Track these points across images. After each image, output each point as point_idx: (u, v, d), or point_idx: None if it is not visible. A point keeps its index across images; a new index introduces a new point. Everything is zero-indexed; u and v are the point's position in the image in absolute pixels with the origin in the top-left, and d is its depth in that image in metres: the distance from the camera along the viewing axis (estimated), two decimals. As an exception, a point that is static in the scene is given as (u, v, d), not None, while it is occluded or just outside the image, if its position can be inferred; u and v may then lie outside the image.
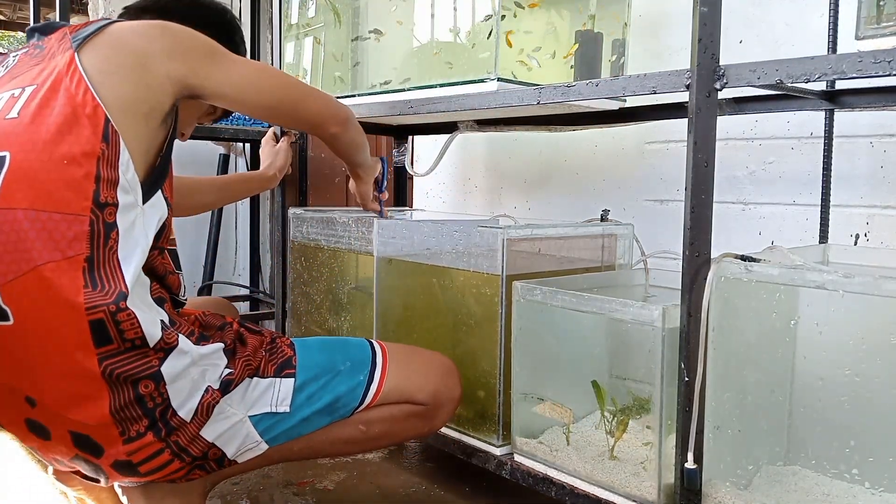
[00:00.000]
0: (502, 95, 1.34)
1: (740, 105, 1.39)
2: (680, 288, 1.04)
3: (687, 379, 1.03)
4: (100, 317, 0.89)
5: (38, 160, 0.90)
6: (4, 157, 0.91)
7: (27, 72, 0.99)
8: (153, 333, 0.94)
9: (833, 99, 1.36)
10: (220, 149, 3.15)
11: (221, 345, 1.04)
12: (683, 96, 1.05)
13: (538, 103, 1.28)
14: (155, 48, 1.01)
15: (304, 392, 1.10)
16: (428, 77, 1.52)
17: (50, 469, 1.15)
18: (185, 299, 1.12)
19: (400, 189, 2.27)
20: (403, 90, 1.56)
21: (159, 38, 1.02)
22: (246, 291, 3.14)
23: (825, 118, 1.42)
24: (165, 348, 0.96)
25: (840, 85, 1.35)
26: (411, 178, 2.38)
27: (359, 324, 1.68)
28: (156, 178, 1.01)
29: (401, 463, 1.70)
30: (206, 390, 1.01)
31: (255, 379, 1.07)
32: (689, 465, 1.03)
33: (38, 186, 0.90)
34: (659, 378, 1.10)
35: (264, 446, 1.09)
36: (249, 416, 1.06)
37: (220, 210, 3.10)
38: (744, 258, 1.04)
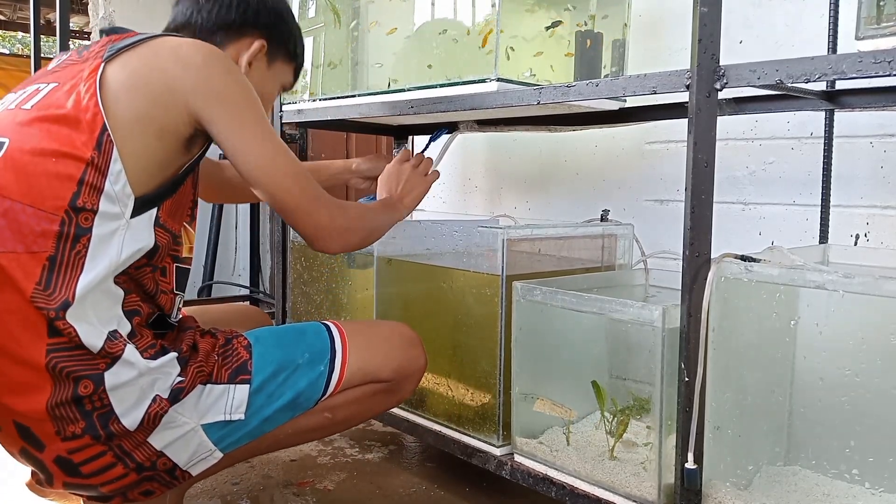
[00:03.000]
0: (502, 95, 1.34)
1: (740, 105, 1.39)
2: (680, 288, 1.04)
3: (687, 379, 1.03)
4: (44, 315, 0.90)
5: (30, 153, 0.92)
6: (4, 143, 0.94)
7: (62, 70, 1.02)
8: (94, 344, 0.93)
9: (833, 99, 1.36)
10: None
11: (175, 354, 1.02)
12: (683, 96, 1.05)
13: (538, 103, 1.28)
14: (187, 78, 0.99)
15: (263, 392, 1.08)
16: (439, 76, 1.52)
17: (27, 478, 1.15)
18: (177, 320, 1.10)
19: (400, 189, 2.27)
20: (403, 90, 1.56)
21: (195, 69, 1.00)
22: (246, 291, 3.14)
23: (825, 118, 1.42)
24: (111, 356, 0.95)
25: (840, 85, 1.35)
26: (411, 178, 2.37)
27: (359, 324, 1.68)
28: (156, 196, 1.00)
29: (401, 463, 1.70)
30: (154, 400, 0.98)
31: (209, 386, 1.04)
32: (690, 465, 1.03)
33: (23, 178, 0.91)
34: (659, 378, 1.10)
35: (218, 455, 1.06)
36: (202, 425, 1.03)
37: (221, 210, 3.10)
38: (744, 258, 1.04)
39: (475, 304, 1.37)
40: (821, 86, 1.35)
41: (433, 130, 2.11)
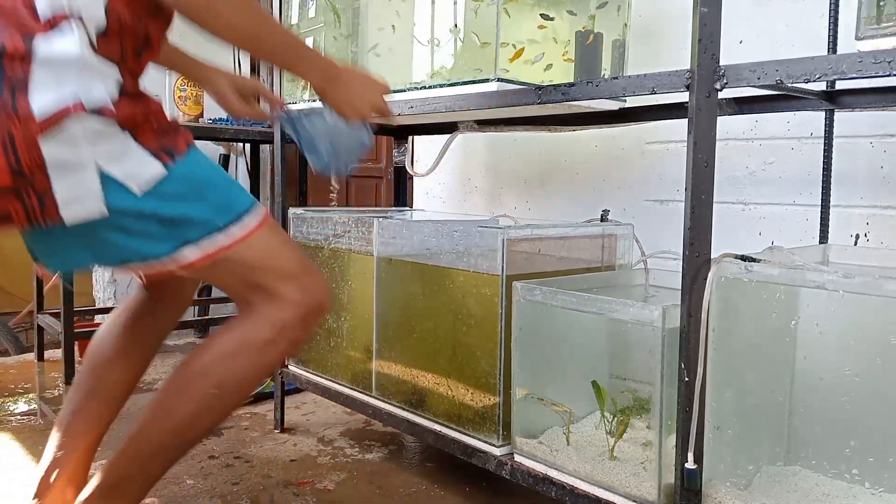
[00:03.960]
0: (502, 95, 1.34)
1: (740, 105, 1.39)
2: (680, 288, 1.04)
3: (687, 379, 1.03)
4: None
5: None
6: None
7: None
8: (44, 12, 0.90)
9: (833, 99, 1.36)
10: (220, 149, 3.16)
11: (119, 75, 0.95)
12: (683, 96, 1.05)
13: (538, 103, 1.28)
14: None
15: (171, 187, 0.98)
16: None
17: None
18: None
19: (400, 189, 2.27)
20: (403, 90, 1.56)
21: None
22: (246, 291, 3.14)
23: (825, 118, 1.42)
24: (54, 25, 0.89)
25: (840, 85, 1.35)
26: (411, 178, 2.38)
27: (359, 323, 1.68)
28: None
29: (401, 463, 1.70)
30: (73, 98, 0.89)
31: (129, 138, 0.95)
32: (690, 465, 1.03)
33: None
34: (659, 378, 1.10)
35: (96, 208, 0.94)
36: (100, 167, 0.93)
37: (220, 210, 3.09)
38: (744, 258, 1.04)
39: (475, 304, 1.37)
40: (821, 86, 1.35)
41: (433, 130, 2.12)
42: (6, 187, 0.90)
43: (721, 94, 1.03)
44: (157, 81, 2.84)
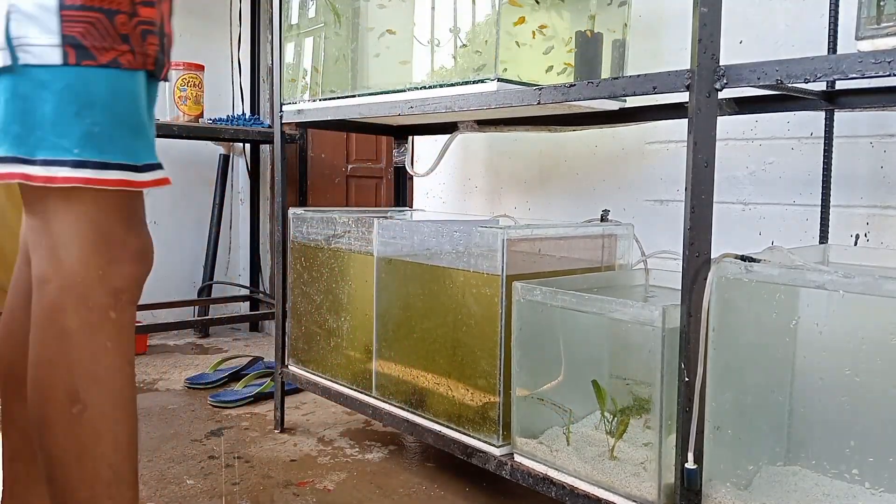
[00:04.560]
0: (502, 95, 1.34)
1: (740, 105, 1.39)
2: (680, 288, 1.04)
3: (687, 379, 1.03)
4: None
5: None
6: None
7: None
8: None
9: (833, 99, 1.36)
10: (220, 149, 3.16)
11: None
12: (683, 96, 1.05)
13: (538, 103, 1.28)
14: None
15: (47, 77, 0.87)
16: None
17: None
18: None
19: (400, 189, 2.27)
20: (404, 90, 1.56)
21: None
22: (246, 291, 3.14)
23: (825, 118, 1.42)
24: None
25: (840, 85, 1.35)
26: (411, 178, 2.38)
27: (359, 323, 1.68)
28: None
29: (401, 463, 1.70)
30: None
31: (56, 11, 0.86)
32: (690, 465, 1.03)
33: None
34: (659, 378, 1.10)
35: None
36: (9, 13, 0.86)
37: (220, 210, 3.10)
38: (744, 258, 1.04)
39: (475, 304, 1.38)
40: (821, 86, 1.35)
41: (433, 130, 2.12)
42: None
43: (721, 94, 1.03)
44: (157, 81, 2.84)
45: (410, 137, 2.21)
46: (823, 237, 1.42)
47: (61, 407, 0.89)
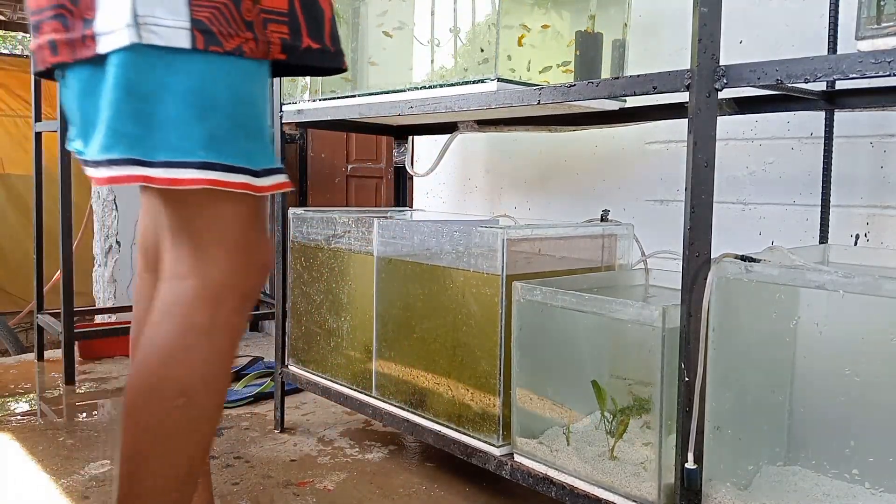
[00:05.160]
0: (502, 95, 1.34)
1: (740, 105, 1.39)
2: (680, 288, 1.04)
3: (687, 379, 1.03)
4: None
5: None
6: None
7: None
8: None
9: (833, 99, 1.36)
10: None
11: None
12: (683, 96, 1.05)
13: (538, 103, 1.28)
14: None
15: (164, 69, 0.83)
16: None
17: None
18: None
19: (400, 189, 2.27)
20: (404, 90, 1.56)
21: None
22: (246, 291, 3.14)
23: (825, 118, 1.42)
24: None
25: (840, 85, 1.35)
26: (411, 178, 2.38)
27: (359, 323, 1.68)
28: None
29: (401, 463, 1.70)
30: None
31: None
32: (690, 465, 1.03)
33: None
34: (659, 378, 1.10)
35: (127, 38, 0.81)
36: None
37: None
38: (744, 258, 1.04)
39: (475, 304, 1.37)
40: (821, 86, 1.35)
41: (433, 130, 2.12)
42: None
43: (721, 94, 1.03)
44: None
45: (410, 137, 2.21)
46: (823, 237, 1.42)
47: (166, 396, 0.88)
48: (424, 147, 2.40)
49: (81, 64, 0.85)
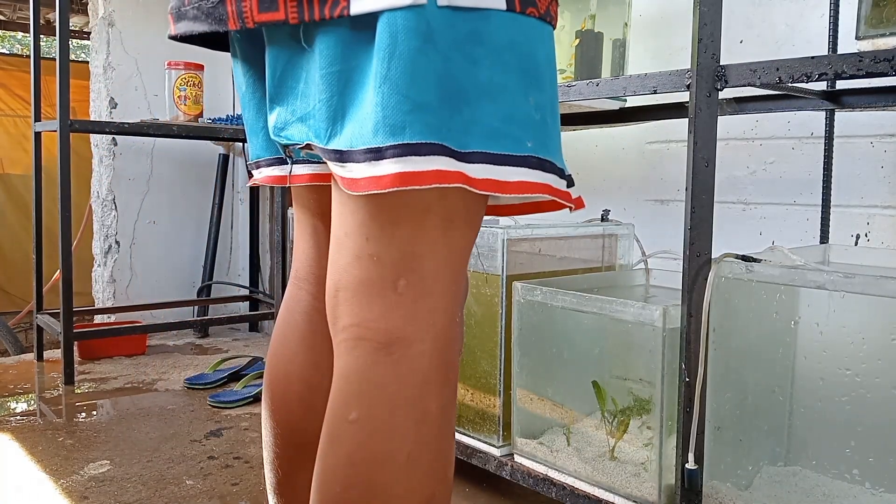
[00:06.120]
0: (502, 95, 1.34)
1: (741, 105, 1.39)
2: (680, 288, 1.04)
3: (687, 379, 1.03)
4: None
5: None
6: None
7: None
8: None
9: (833, 99, 1.36)
10: (219, 149, 3.15)
11: None
12: (684, 96, 1.05)
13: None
14: None
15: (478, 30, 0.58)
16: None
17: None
18: None
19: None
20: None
21: None
22: (245, 291, 3.14)
23: (825, 118, 1.42)
24: None
25: (840, 85, 1.35)
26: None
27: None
28: None
29: (401, 463, 1.70)
30: None
31: None
32: (690, 465, 1.03)
33: None
34: (659, 378, 1.10)
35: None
36: None
37: (220, 210, 3.10)
38: (744, 258, 1.04)
39: (475, 304, 1.37)
40: (821, 85, 1.34)
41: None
42: None
43: (721, 94, 1.03)
44: (158, 81, 2.85)
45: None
46: (824, 237, 1.42)
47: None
48: (424, 147, 2.40)
49: (328, 23, 0.59)
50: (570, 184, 0.67)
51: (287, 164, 0.72)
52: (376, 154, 0.56)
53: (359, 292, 0.61)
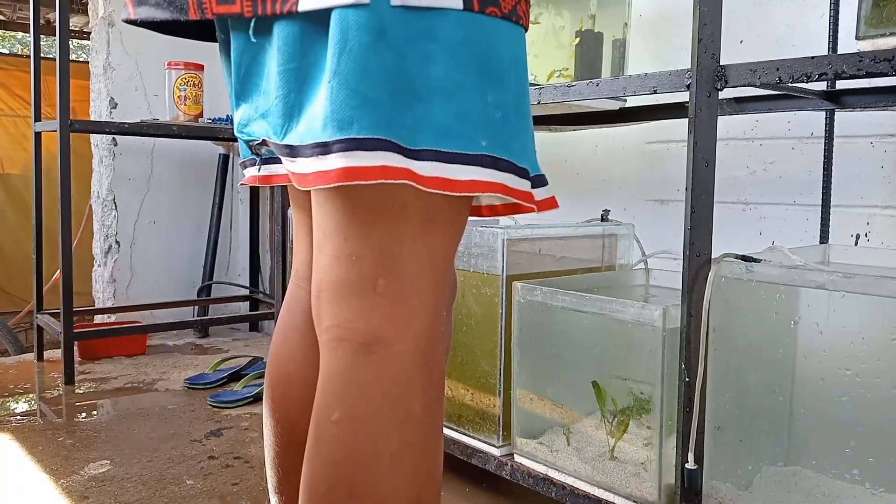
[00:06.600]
0: (502, 95, 1.34)
1: (741, 105, 1.39)
2: (680, 288, 1.04)
3: (687, 379, 1.03)
4: None
5: None
6: None
7: None
8: None
9: (833, 99, 1.36)
10: (219, 149, 3.16)
11: None
12: (684, 96, 1.05)
13: (538, 103, 1.27)
14: None
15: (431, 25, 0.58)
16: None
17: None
18: None
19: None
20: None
21: None
22: (245, 291, 3.14)
23: (825, 118, 1.42)
24: None
25: (840, 85, 1.35)
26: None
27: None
28: None
29: (401, 463, 1.70)
30: None
31: None
32: (690, 465, 1.03)
33: None
34: (659, 378, 1.10)
35: None
36: None
37: (220, 210, 3.10)
38: (744, 258, 1.04)
39: (475, 304, 1.37)
40: (821, 86, 1.34)
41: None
42: None
43: (721, 94, 1.03)
44: (158, 81, 2.85)
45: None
46: (824, 237, 1.42)
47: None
48: (424, 147, 2.40)
49: (284, 19, 0.60)
50: (540, 184, 0.67)
51: (274, 163, 0.71)
52: (323, 149, 0.56)
53: (339, 293, 0.61)
